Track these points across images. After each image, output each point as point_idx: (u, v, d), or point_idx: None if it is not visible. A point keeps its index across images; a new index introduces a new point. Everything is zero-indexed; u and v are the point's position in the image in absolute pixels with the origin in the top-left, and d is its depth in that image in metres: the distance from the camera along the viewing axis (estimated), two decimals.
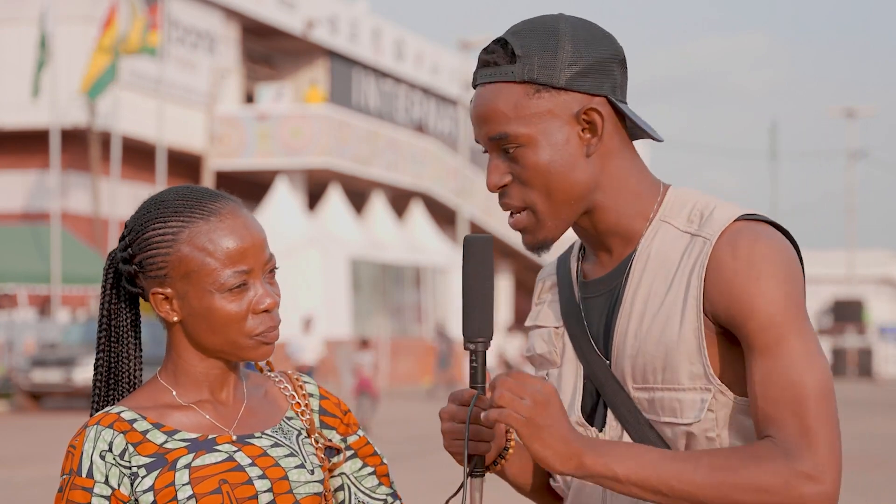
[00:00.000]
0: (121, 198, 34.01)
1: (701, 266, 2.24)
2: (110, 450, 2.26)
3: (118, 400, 2.38)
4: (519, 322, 54.25)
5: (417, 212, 42.81)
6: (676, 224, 2.31)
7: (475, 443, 2.24)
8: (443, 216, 46.13)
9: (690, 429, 2.24)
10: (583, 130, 2.29)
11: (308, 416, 2.41)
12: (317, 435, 2.39)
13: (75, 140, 35.00)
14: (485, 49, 2.33)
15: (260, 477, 2.26)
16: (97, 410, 2.38)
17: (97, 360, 2.39)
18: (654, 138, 2.36)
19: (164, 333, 2.39)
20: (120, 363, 2.39)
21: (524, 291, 56.29)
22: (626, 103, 2.33)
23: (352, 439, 2.45)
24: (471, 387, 2.22)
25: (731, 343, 2.26)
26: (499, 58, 2.30)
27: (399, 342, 39.07)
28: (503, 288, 51.94)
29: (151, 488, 2.24)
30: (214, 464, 2.26)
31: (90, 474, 2.25)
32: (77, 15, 35.26)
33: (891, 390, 39.61)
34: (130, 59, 33.26)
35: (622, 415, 2.30)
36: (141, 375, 2.40)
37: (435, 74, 50.95)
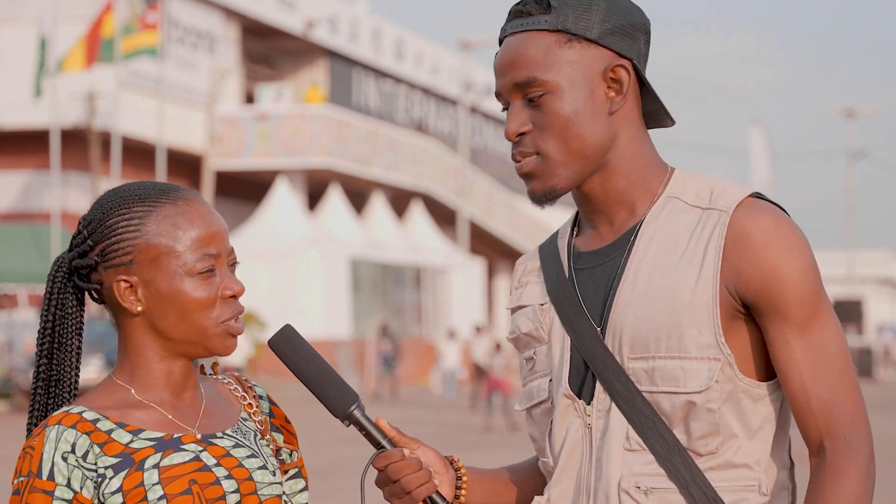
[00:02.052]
0: None
1: (719, 236, 2.23)
2: (73, 451, 2.18)
3: (56, 410, 2.29)
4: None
5: (417, 212, 42.79)
6: (685, 199, 2.30)
7: (413, 491, 2.29)
8: (443, 216, 46.12)
9: (693, 398, 2.21)
10: (608, 88, 2.29)
11: (261, 418, 2.37)
12: (269, 437, 2.35)
13: (75, 140, 34.98)
14: (518, 2, 2.33)
15: (227, 477, 2.22)
16: (38, 421, 2.31)
17: (38, 367, 2.31)
18: (666, 120, 2.37)
19: None
20: (62, 372, 2.32)
21: None
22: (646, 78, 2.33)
23: (296, 457, 2.41)
24: (377, 449, 2.31)
25: (742, 318, 2.24)
26: (532, 9, 2.31)
27: (398, 342, 39.04)
28: (502, 288, 51.92)
29: (120, 489, 2.18)
30: (182, 463, 2.21)
31: (51, 476, 2.17)
32: (77, 15, 35.23)
33: (891, 390, 39.59)
34: (129, 61, 33.18)
35: (613, 386, 2.25)
36: (78, 385, 2.32)
37: (435, 74, 50.93)
